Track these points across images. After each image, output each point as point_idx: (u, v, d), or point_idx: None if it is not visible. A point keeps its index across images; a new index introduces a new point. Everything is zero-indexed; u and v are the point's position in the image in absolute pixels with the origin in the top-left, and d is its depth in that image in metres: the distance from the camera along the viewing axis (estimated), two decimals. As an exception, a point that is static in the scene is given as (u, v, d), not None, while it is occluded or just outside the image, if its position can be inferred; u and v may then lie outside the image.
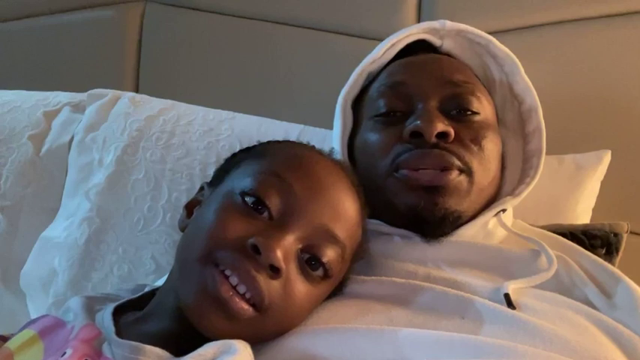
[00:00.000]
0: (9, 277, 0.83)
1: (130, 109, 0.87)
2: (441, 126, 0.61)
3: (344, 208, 0.52)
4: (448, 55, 0.73)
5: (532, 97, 0.70)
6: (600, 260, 0.63)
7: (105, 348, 0.47)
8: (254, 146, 0.60)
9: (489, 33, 0.73)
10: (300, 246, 0.50)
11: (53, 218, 0.85)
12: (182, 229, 0.56)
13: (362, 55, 0.73)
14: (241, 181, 0.52)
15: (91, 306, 0.54)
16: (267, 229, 0.48)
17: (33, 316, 0.81)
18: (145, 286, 0.62)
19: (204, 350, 0.46)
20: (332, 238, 0.51)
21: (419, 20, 0.94)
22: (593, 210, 0.82)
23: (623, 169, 0.84)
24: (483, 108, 0.66)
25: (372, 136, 0.66)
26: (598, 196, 0.82)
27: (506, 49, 0.71)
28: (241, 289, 0.47)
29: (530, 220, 0.72)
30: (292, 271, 0.49)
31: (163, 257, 0.79)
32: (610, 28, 0.88)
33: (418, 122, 0.61)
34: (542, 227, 0.72)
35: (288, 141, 0.61)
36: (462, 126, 0.63)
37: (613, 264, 0.70)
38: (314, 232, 0.50)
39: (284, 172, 0.51)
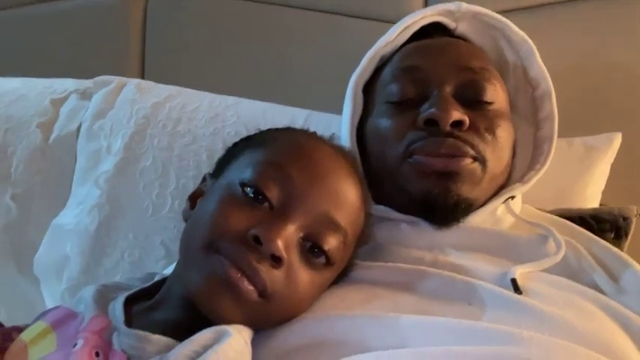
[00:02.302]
0: (23, 263, 0.84)
1: (136, 96, 0.87)
2: (456, 114, 0.60)
3: (344, 195, 0.52)
4: (462, 38, 0.71)
5: (546, 82, 0.69)
6: (609, 245, 0.63)
7: (114, 338, 0.48)
8: (254, 135, 0.60)
9: (499, 12, 0.71)
10: (301, 234, 0.50)
11: (64, 205, 0.86)
12: (186, 220, 0.57)
13: (368, 38, 0.72)
14: (241, 171, 0.52)
15: (104, 295, 0.55)
16: (268, 219, 0.49)
17: (47, 300, 0.83)
18: (154, 274, 0.63)
19: (200, 335, 0.46)
20: (333, 226, 0.51)
21: (427, 2, 0.92)
22: (603, 193, 0.81)
23: (633, 152, 0.83)
24: (498, 96, 0.65)
25: (384, 122, 0.65)
26: (608, 179, 0.81)
27: (522, 33, 0.70)
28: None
29: (539, 204, 0.72)
30: (294, 259, 0.49)
31: (173, 243, 0.79)
32: (622, 7, 0.86)
33: (433, 110, 0.60)
34: (551, 212, 0.71)
35: (288, 128, 0.61)
36: (476, 114, 0.62)
37: (622, 248, 0.69)
38: (315, 220, 0.50)
39: (283, 161, 0.52)
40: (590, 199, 0.80)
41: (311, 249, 0.50)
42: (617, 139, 0.81)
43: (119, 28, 1.04)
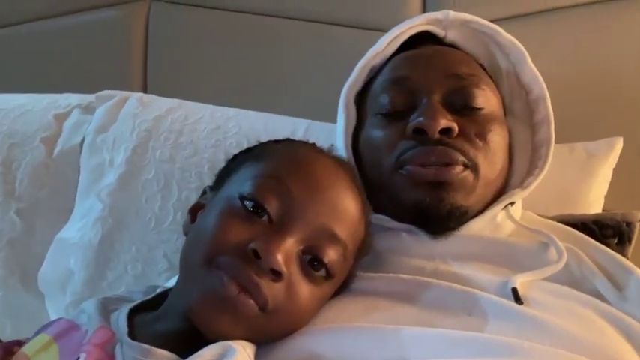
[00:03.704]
0: (28, 278, 0.85)
1: (138, 110, 0.88)
2: (444, 122, 0.60)
3: (344, 207, 0.52)
4: (452, 46, 0.71)
5: (539, 86, 0.69)
6: (612, 252, 0.63)
7: (117, 350, 0.48)
8: (253, 147, 0.60)
9: (496, 20, 0.72)
10: (301, 247, 0.50)
11: (68, 219, 0.86)
12: (186, 234, 0.57)
13: (367, 47, 0.72)
14: (240, 185, 0.52)
15: (106, 306, 0.55)
16: (267, 233, 0.49)
17: (52, 314, 0.83)
18: (156, 287, 0.63)
19: (206, 351, 0.46)
20: (333, 238, 0.51)
21: (424, 10, 0.92)
22: (605, 198, 0.81)
23: (635, 157, 0.83)
24: (488, 100, 0.65)
25: (376, 133, 0.65)
26: (610, 184, 0.81)
27: (512, 38, 0.70)
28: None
29: (540, 210, 0.72)
30: (294, 273, 0.49)
31: (175, 255, 0.79)
32: (620, 11, 0.86)
33: (421, 119, 0.61)
34: (553, 218, 0.71)
35: (287, 141, 0.61)
36: (466, 120, 0.62)
37: (625, 254, 0.69)
38: (314, 233, 0.50)
39: (282, 174, 0.52)
40: (593, 204, 0.79)
41: (311, 262, 0.50)
42: (619, 143, 0.81)
43: (121, 43, 1.05)
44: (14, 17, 1.10)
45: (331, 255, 0.51)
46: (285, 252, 0.48)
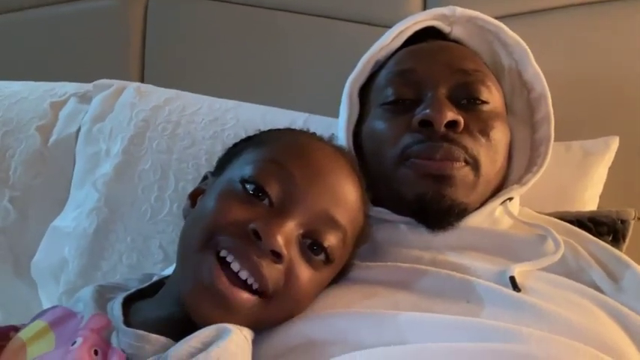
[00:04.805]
0: (20, 266, 0.84)
1: (136, 100, 0.88)
2: (450, 115, 0.60)
3: (344, 193, 0.53)
4: (457, 42, 0.72)
5: (541, 84, 0.70)
6: (607, 246, 0.63)
7: (113, 337, 0.48)
8: (255, 135, 0.61)
9: (497, 17, 0.72)
10: (301, 231, 0.50)
11: (62, 208, 0.85)
12: (186, 218, 0.57)
13: (367, 42, 0.72)
14: (242, 169, 0.53)
15: (102, 295, 0.55)
16: (268, 216, 0.49)
17: (45, 304, 0.82)
18: (152, 275, 0.63)
19: (201, 332, 0.46)
20: (333, 223, 0.51)
21: (425, 6, 0.93)
22: (601, 197, 0.81)
23: (630, 156, 0.84)
24: (493, 97, 0.66)
25: (380, 125, 0.65)
26: (605, 183, 0.82)
27: (516, 37, 0.70)
28: (243, 274, 0.48)
29: (537, 207, 0.72)
30: (294, 256, 0.50)
31: (171, 246, 0.79)
32: (619, 12, 0.87)
33: (427, 111, 0.61)
34: (549, 214, 0.71)
35: (289, 129, 0.62)
36: (470, 115, 0.63)
37: (620, 251, 0.69)
38: (314, 218, 0.50)
39: (283, 159, 0.52)
40: (589, 202, 0.80)
41: (310, 246, 0.51)
42: (615, 142, 0.81)
43: (119, 32, 1.05)
44: (11, 4, 1.09)
45: (331, 240, 0.51)
46: (286, 235, 0.49)
